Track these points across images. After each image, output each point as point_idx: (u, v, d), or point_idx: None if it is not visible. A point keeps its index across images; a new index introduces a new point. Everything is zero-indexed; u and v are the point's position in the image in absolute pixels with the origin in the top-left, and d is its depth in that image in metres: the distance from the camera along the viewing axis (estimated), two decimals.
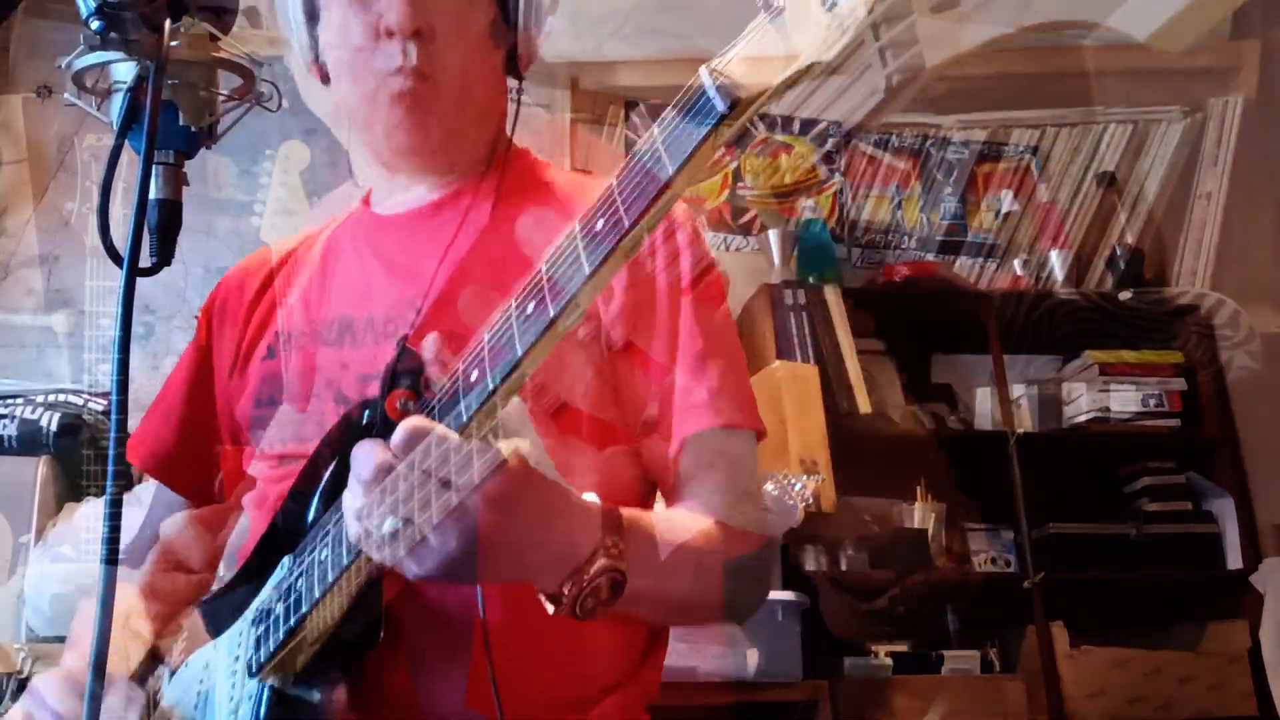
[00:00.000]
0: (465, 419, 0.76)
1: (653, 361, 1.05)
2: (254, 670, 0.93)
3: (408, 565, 0.78)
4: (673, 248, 1.07)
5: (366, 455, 0.79)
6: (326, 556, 0.87)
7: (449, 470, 0.75)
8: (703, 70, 0.67)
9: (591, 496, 0.85)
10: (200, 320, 1.26)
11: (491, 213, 1.11)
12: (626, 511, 0.87)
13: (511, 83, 1.19)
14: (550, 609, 0.83)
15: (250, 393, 1.14)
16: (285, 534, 0.97)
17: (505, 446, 0.77)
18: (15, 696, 2.11)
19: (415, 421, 0.77)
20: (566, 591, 0.81)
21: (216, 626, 1.03)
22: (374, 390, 1.02)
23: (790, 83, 0.63)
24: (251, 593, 0.99)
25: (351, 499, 0.81)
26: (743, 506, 1.02)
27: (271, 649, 0.91)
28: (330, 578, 0.86)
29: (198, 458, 1.20)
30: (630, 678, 1.05)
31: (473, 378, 0.77)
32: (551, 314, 0.72)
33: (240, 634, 0.97)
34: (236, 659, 0.96)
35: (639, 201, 0.69)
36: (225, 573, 1.86)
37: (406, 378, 0.94)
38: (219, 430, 1.20)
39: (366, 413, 0.94)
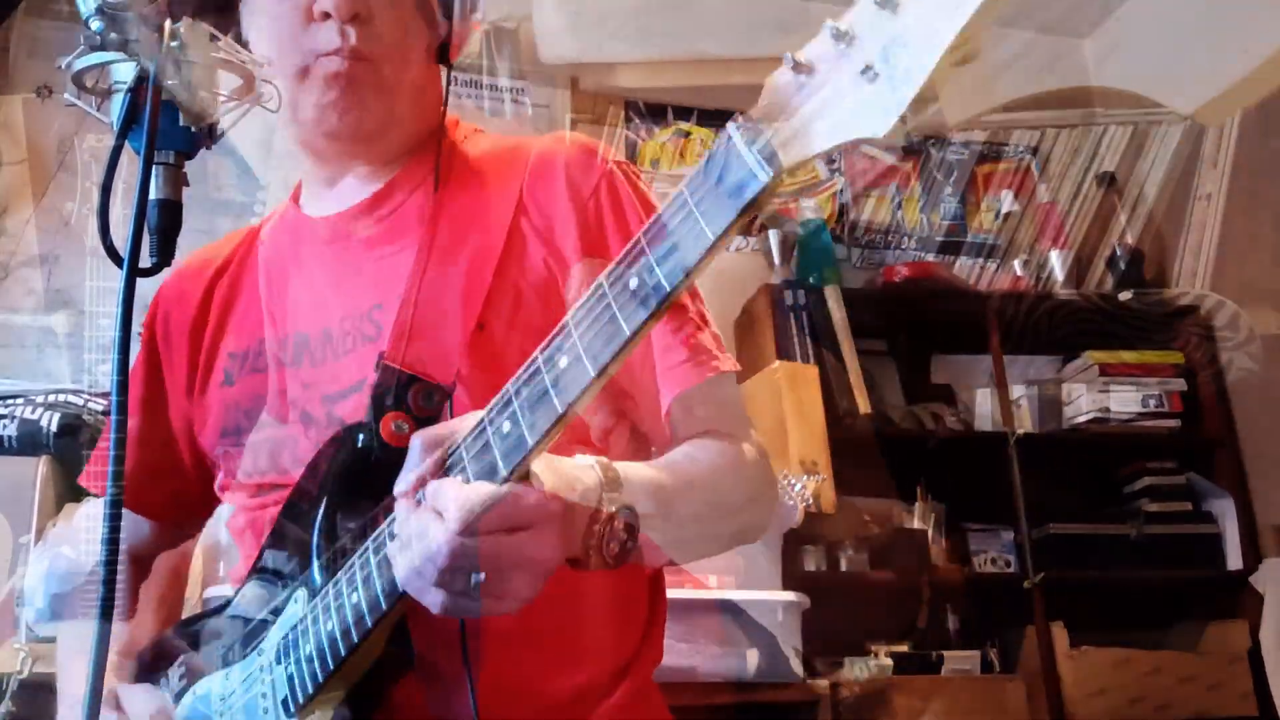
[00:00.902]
0: (506, 473, 0.77)
1: None
2: (292, 710, 0.93)
3: (497, 607, 0.79)
4: (616, 197, 1.05)
5: (429, 535, 0.78)
6: (359, 600, 0.87)
7: (508, 520, 0.77)
8: (736, 134, 0.64)
9: (584, 457, 0.85)
10: (144, 336, 1.22)
11: (434, 202, 1.07)
12: (620, 464, 0.87)
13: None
14: (579, 569, 0.84)
15: (214, 424, 1.12)
16: (283, 562, 0.97)
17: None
18: (15, 697, 2.11)
19: (469, 493, 0.77)
20: (591, 549, 0.82)
21: (220, 655, 1.02)
22: (342, 410, 1.01)
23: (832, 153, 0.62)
24: (251, 621, 0.99)
25: (417, 577, 0.80)
26: (733, 429, 1.03)
27: (311, 692, 0.91)
28: (369, 623, 0.86)
29: (157, 478, 1.18)
30: (636, 657, 1.05)
31: (505, 430, 0.77)
32: (592, 374, 0.71)
33: (262, 670, 0.97)
34: (265, 696, 0.96)
35: (677, 271, 0.67)
36: (226, 576, 1.86)
37: (391, 397, 0.93)
38: (178, 448, 1.18)
39: (361, 437, 0.93)
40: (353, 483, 0.93)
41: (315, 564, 0.94)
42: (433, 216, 1.06)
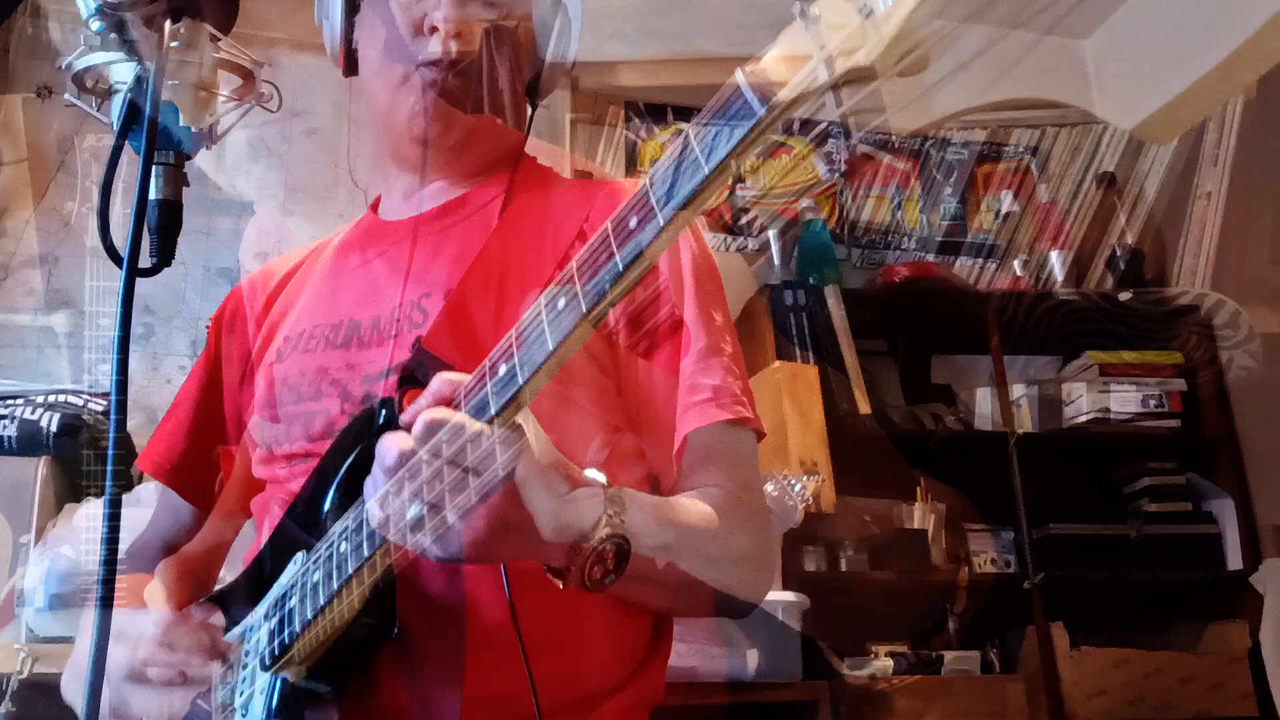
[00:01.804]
0: (494, 411, 0.77)
1: (657, 356, 1.06)
2: (267, 663, 0.93)
3: (431, 549, 0.80)
4: (675, 247, 1.08)
5: (390, 445, 0.80)
6: (346, 550, 0.87)
7: (472, 458, 0.77)
8: (739, 73, 0.67)
9: (595, 473, 0.85)
10: (210, 330, 1.28)
11: (500, 216, 1.13)
12: (628, 490, 0.88)
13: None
14: (559, 585, 0.84)
15: (259, 398, 1.15)
16: (298, 531, 0.98)
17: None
18: (15, 697, 2.11)
19: (435, 412, 0.78)
20: (573, 562, 0.82)
21: (230, 621, 1.03)
22: (379, 390, 1.04)
23: (826, 88, 0.62)
24: (263, 589, 0.99)
25: (373, 487, 0.82)
26: (744, 495, 1.03)
27: (286, 642, 0.91)
28: (349, 570, 0.86)
29: (207, 466, 1.22)
30: (631, 680, 1.05)
31: (500, 371, 0.78)
32: (584, 308, 0.72)
33: (252, 629, 0.98)
34: (248, 653, 0.97)
35: (674, 200, 0.69)
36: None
37: (421, 376, 0.94)
38: (228, 439, 1.21)
39: (383, 411, 0.94)
40: (368, 454, 0.94)
41: (323, 530, 0.94)
42: (498, 228, 1.11)
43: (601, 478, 0.85)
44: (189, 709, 0.99)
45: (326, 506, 0.95)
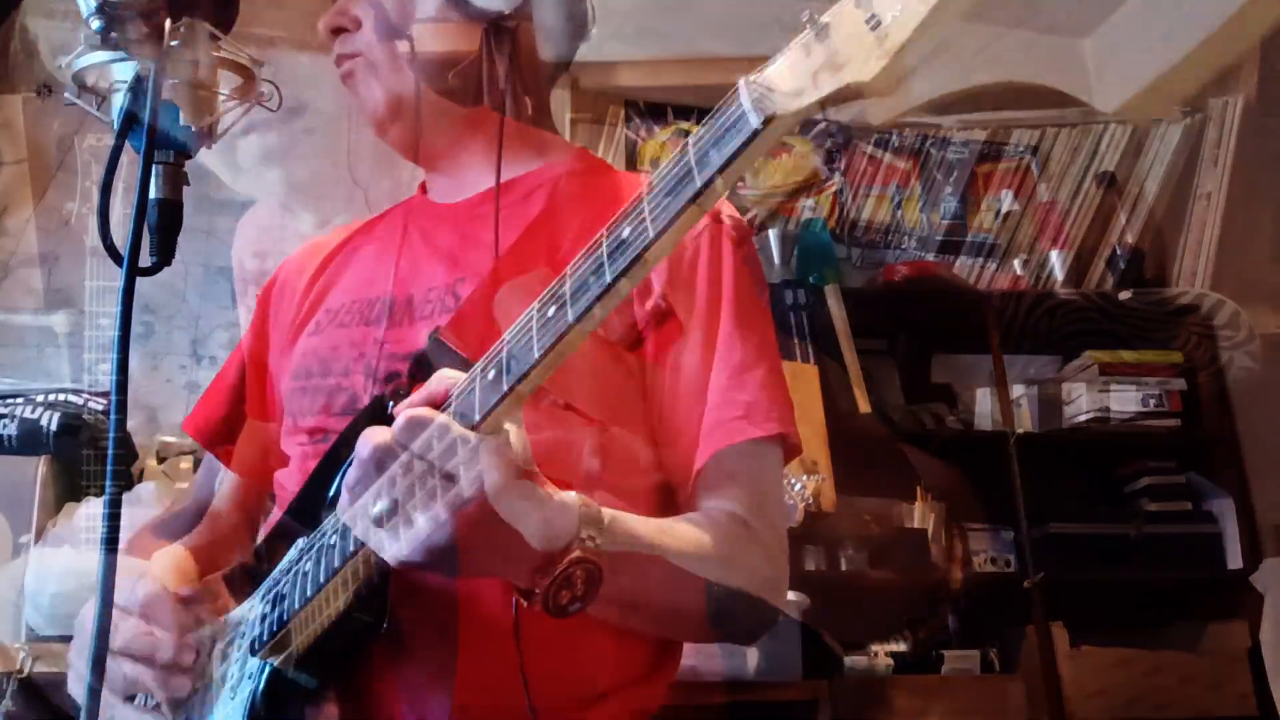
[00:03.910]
0: (478, 418, 0.77)
1: (685, 366, 1.03)
2: (255, 648, 0.93)
3: (388, 546, 0.78)
4: (717, 250, 1.06)
5: (369, 436, 0.80)
6: (335, 542, 0.88)
7: (447, 462, 0.76)
8: (741, 83, 0.66)
9: (570, 495, 0.83)
10: (259, 300, 1.30)
11: (544, 207, 1.12)
12: (608, 510, 0.85)
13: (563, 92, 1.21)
14: (525, 604, 0.81)
15: (293, 367, 1.16)
16: (304, 514, 0.98)
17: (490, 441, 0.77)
18: (15, 696, 2.11)
19: (418, 411, 0.78)
20: (537, 584, 0.79)
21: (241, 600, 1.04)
22: (401, 368, 1.04)
23: (827, 102, 0.62)
24: (267, 572, 0.99)
25: (349, 477, 0.82)
26: (755, 518, 1.00)
27: (273, 628, 0.91)
28: (337, 563, 0.86)
29: (250, 434, 1.24)
30: (630, 686, 1.03)
31: (490, 377, 0.77)
32: (570, 320, 0.72)
33: (249, 611, 0.98)
34: (241, 636, 0.97)
35: (666, 213, 0.68)
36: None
37: (431, 368, 0.93)
38: (271, 408, 1.22)
39: (393, 401, 0.93)
40: None
41: (325, 515, 0.94)
42: (538, 220, 1.10)
43: (574, 495, 0.82)
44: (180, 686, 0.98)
45: (331, 493, 0.95)
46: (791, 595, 2.41)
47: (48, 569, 2.21)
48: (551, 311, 0.74)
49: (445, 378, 0.82)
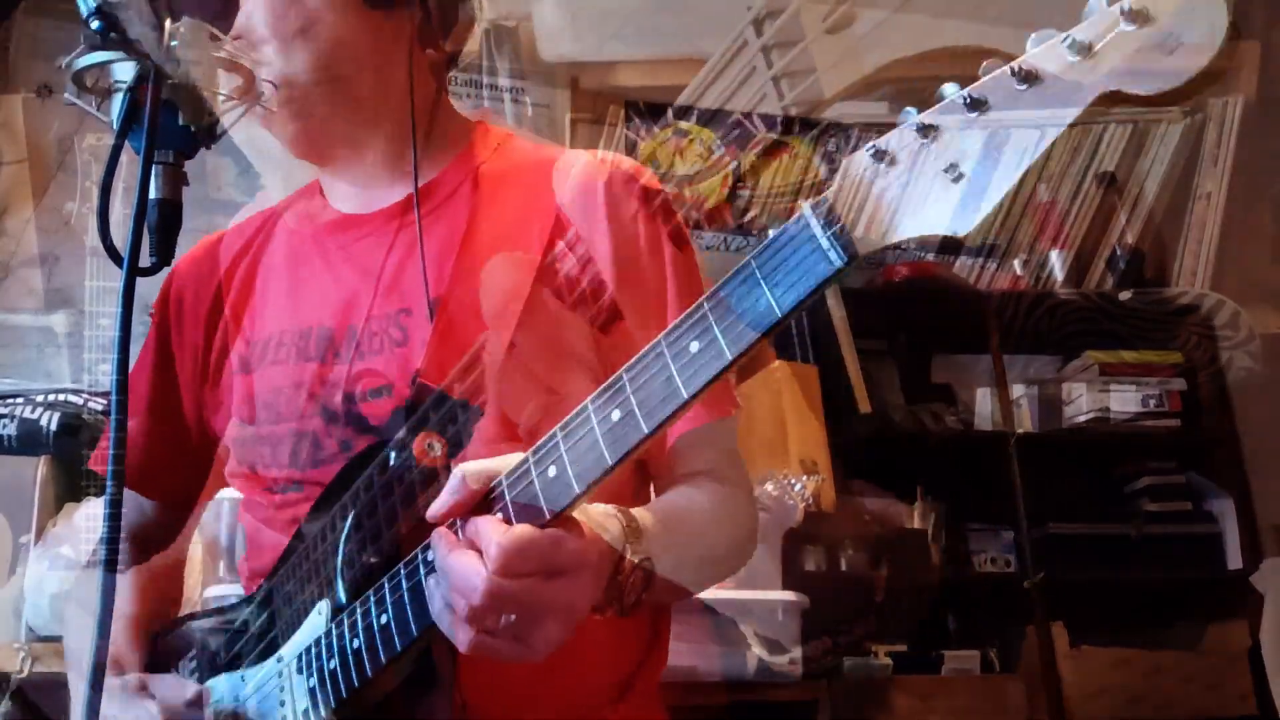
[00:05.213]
0: (549, 517, 0.79)
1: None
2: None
3: (505, 652, 0.81)
4: (655, 231, 1.06)
5: (468, 575, 0.79)
6: (389, 623, 0.88)
7: (549, 565, 0.79)
8: (808, 209, 0.67)
9: (610, 521, 0.86)
10: (154, 317, 1.22)
11: (470, 208, 1.08)
12: (635, 510, 0.89)
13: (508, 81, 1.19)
14: (599, 615, 0.86)
15: (230, 412, 1.13)
16: (307, 572, 0.97)
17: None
18: (15, 696, 2.11)
19: (521, 538, 0.78)
20: (611, 598, 0.85)
21: (235, 654, 1.03)
22: (368, 410, 1.02)
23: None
24: (269, 623, 0.99)
25: (441, 602, 0.82)
26: (729, 470, 1.08)
27: (334, 705, 0.92)
28: (398, 647, 0.87)
29: (167, 463, 1.19)
30: (635, 675, 1.05)
31: (551, 474, 0.78)
32: (645, 431, 0.74)
33: (281, 676, 0.97)
34: (283, 704, 0.96)
35: (741, 341, 0.69)
36: (226, 575, 1.85)
37: (425, 416, 0.93)
38: (185, 430, 1.18)
39: (394, 455, 0.93)
40: (382, 499, 0.93)
41: (340, 578, 0.94)
42: (471, 223, 1.06)
43: (611, 508, 0.86)
44: None
45: (340, 554, 0.95)
46: (791, 595, 2.41)
47: (47, 569, 2.21)
48: (617, 416, 0.75)
49: (473, 477, 0.82)
